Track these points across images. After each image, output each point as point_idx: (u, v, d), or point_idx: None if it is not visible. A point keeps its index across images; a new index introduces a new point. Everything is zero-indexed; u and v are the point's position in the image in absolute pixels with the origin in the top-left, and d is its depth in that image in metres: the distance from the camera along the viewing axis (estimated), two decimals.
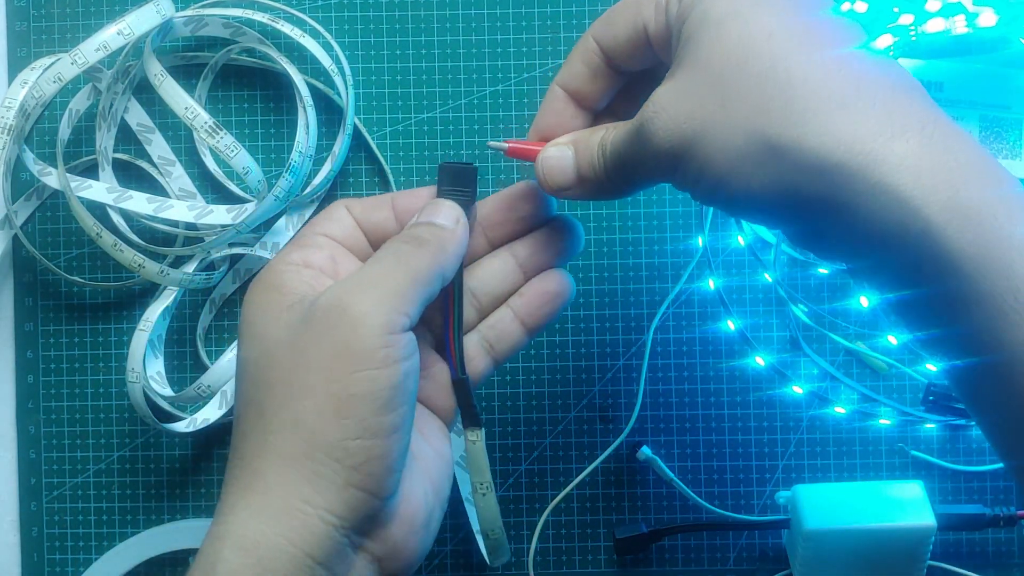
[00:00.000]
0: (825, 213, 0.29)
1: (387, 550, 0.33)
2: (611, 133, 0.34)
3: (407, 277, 0.33)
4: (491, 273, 0.38)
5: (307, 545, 0.31)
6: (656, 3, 0.33)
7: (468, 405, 0.37)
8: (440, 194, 0.37)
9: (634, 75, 0.36)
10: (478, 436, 0.37)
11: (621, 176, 0.34)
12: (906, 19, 0.45)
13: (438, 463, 0.36)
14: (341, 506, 0.31)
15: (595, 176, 0.35)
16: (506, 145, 0.37)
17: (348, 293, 0.32)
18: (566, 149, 0.36)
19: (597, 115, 0.38)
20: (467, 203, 0.36)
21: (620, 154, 0.34)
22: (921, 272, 0.28)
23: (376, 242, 0.37)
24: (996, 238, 0.27)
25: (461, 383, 0.36)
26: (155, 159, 0.51)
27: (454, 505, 0.49)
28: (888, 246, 0.28)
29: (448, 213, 0.36)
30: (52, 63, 0.46)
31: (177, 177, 0.51)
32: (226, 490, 0.33)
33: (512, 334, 0.38)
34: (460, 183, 0.37)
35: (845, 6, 0.47)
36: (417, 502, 0.34)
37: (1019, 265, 0.26)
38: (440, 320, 0.37)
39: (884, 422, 0.49)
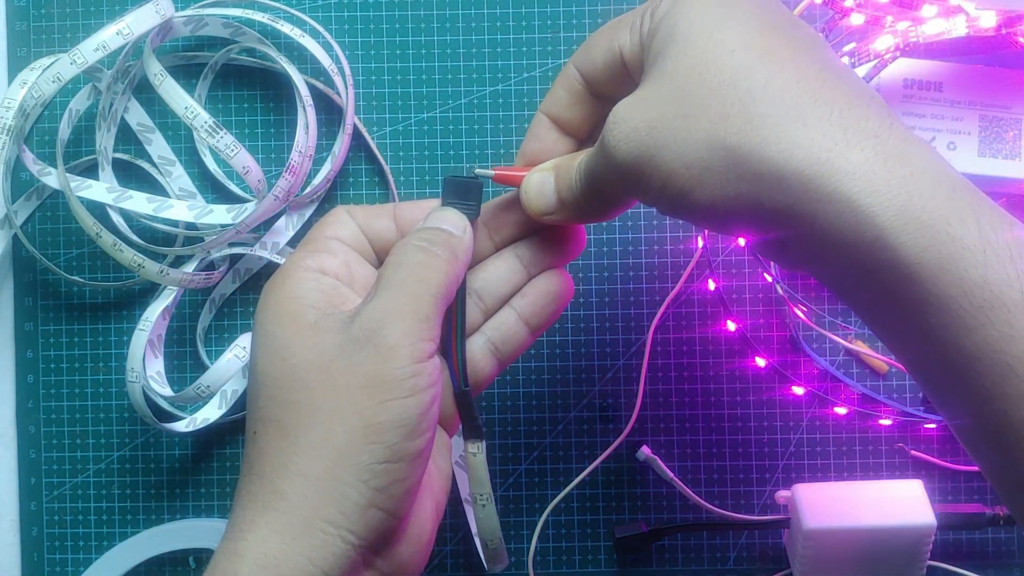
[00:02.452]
0: (786, 223, 0.29)
1: (394, 567, 0.34)
2: (586, 155, 0.35)
3: (430, 297, 0.33)
4: (496, 274, 0.38)
5: (327, 564, 0.31)
6: (631, 25, 0.34)
7: (470, 417, 0.37)
8: (444, 205, 0.37)
9: (616, 101, 0.37)
10: (479, 448, 0.37)
11: (594, 194, 0.35)
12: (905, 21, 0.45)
13: (441, 481, 0.36)
14: (362, 526, 0.32)
15: (573, 199, 0.35)
16: (492, 172, 0.38)
17: (378, 323, 0.32)
18: (547, 175, 0.36)
19: (583, 143, 0.38)
20: (471, 216, 0.36)
21: (590, 171, 0.34)
22: (878, 279, 0.29)
23: (378, 250, 0.37)
24: (947, 244, 0.27)
25: (463, 395, 0.36)
26: (155, 159, 0.51)
27: (454, 506, 0.49)
28: (846, 254, 0.29)
29: (455, 221, 0.36)
30: (51, 63, 0.46)
31: (177, 177, 0.51)
32: (241, 506, 0.33)
33: (516, 335, 0.38)
34: (465, 196, 0.36)
35: (838, 18, 0.47)
36: (423, 520, 0.35)
37: (971, 270, 0.27)
38: (444, 323, 0.37)
39: (884, 422, 0.49)
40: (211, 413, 0.49)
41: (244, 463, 0.34)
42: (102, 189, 0.48)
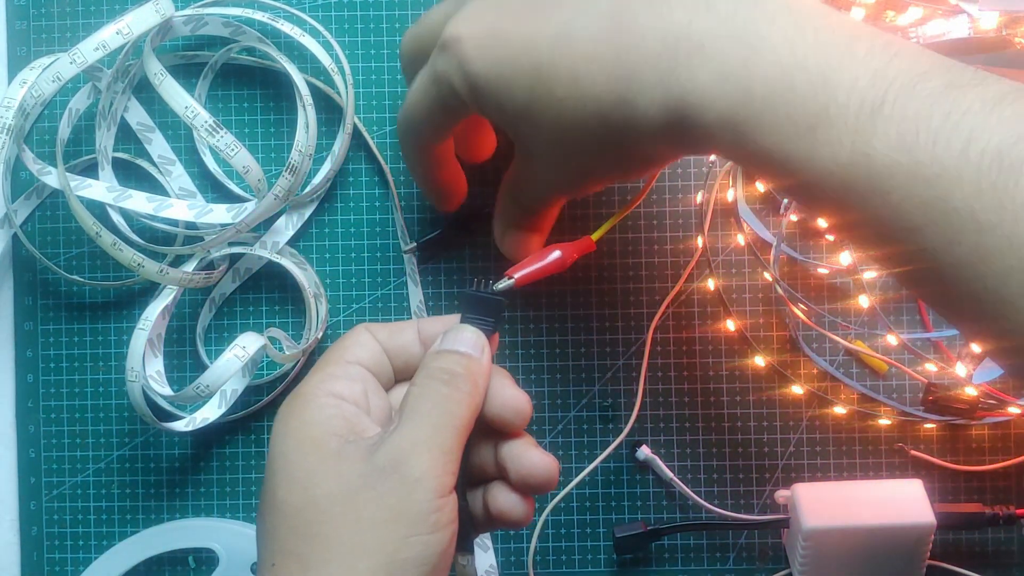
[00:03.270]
0: None
1: None
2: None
3: (453, 430, 0.33)
4: (473, 448, 0.37)
5: None
6: None
7: (465, 530, 0.36)
8: (464, 320, 0.36)
9: None
10: (468, 561, 0.36)
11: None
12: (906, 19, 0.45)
13: None
14: None
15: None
16: (513, 280, 0.38)
17: (404, 454, 0.32)
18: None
19: None
20: (489, 332, 0.36)
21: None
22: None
23: (399, 366, 0.37)
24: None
25: (461, 510, 0.35)
26: (155, 158, 0.51)
27: None
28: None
29: (473, 340, 0.36)
30: (51, 63, 0.46)
31: (177, 176, 0.51)
32: None
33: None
34: (485, 312, 0.36)
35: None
36: None
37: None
38: None
39: (884, 422, 0.49)
40: (211, 412, 0.49)
41: None
42: (102, 189, 0.48)
